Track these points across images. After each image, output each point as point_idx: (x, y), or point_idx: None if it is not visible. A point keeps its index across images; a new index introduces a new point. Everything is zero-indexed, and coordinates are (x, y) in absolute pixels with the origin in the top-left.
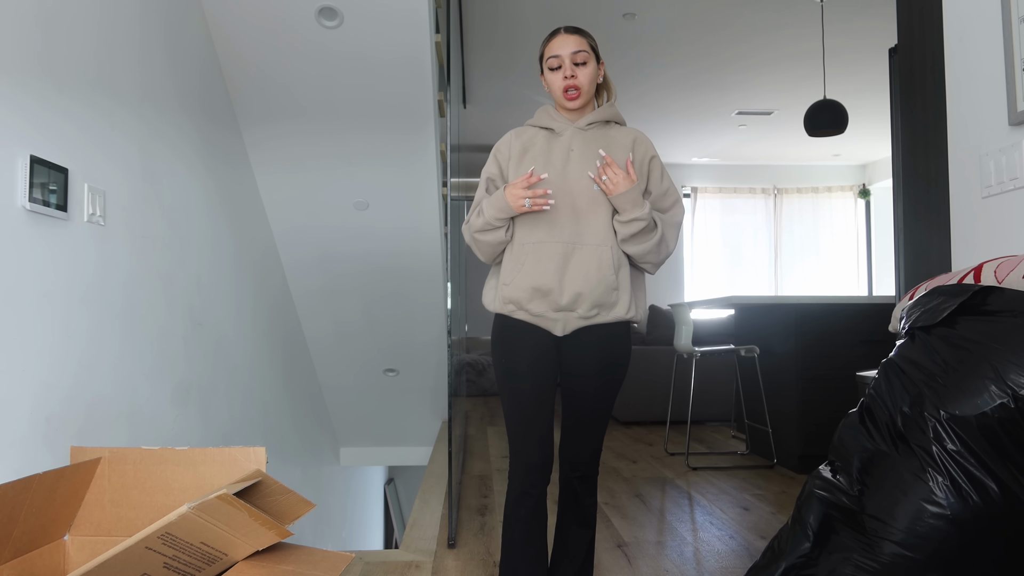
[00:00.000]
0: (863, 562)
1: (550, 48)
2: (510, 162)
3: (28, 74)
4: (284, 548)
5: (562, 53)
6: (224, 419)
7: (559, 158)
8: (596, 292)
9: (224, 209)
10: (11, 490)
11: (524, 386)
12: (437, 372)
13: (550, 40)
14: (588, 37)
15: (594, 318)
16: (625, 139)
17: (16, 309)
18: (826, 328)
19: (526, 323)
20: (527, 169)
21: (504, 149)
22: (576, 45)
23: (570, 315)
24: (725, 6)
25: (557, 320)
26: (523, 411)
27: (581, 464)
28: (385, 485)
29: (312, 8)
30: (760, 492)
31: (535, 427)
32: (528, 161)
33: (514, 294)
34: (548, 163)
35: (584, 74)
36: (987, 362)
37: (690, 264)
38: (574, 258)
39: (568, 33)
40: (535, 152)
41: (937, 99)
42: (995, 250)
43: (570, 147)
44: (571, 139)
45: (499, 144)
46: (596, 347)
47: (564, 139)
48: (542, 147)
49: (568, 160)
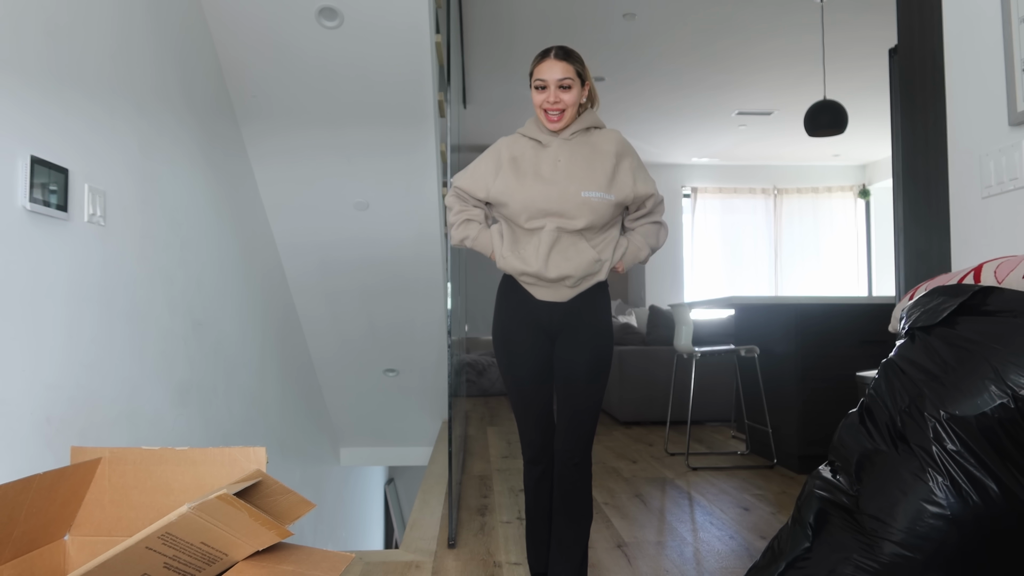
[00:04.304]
0: (863, 562)
1: (539, 71)
2: (500, 170)
3: (28, 74)
4: (284, 548)
5: (548, 79)
6: (224, 419)
7: (548, 168)
8: (580, 270)
9: (224, 209)
10: (11, 490)
11: (524, 387)
12: (437, 372)
13: (540, 62)
14: (576, 63)
15: (580, 286)
16: (607, 144)
17: (16, 309)
18: (826, 328)
19: (526, 293)
20: (518, 178)
21: (503, 153)
22: (563, 72)
23: (560, 285)
24: (725, 6)
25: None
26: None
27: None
28: (385, 485)
29: (312, 9)
30: (760, 492)
31: (532, 410)
32: (520, 171)
33: (512, 267)
34: (539, 174)
35: (567, 98)
36: (987, 362)
37: (690, 264)
38: (561, 251)
39: (557, 60)
40: (525, 163)
41: (937, 99)
42: (995, 250)
43: (557, 158)
44: (558, 150)
45: (496, 147)
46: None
47: (551, 150)
48: (531, 158)
49: (556, 169)
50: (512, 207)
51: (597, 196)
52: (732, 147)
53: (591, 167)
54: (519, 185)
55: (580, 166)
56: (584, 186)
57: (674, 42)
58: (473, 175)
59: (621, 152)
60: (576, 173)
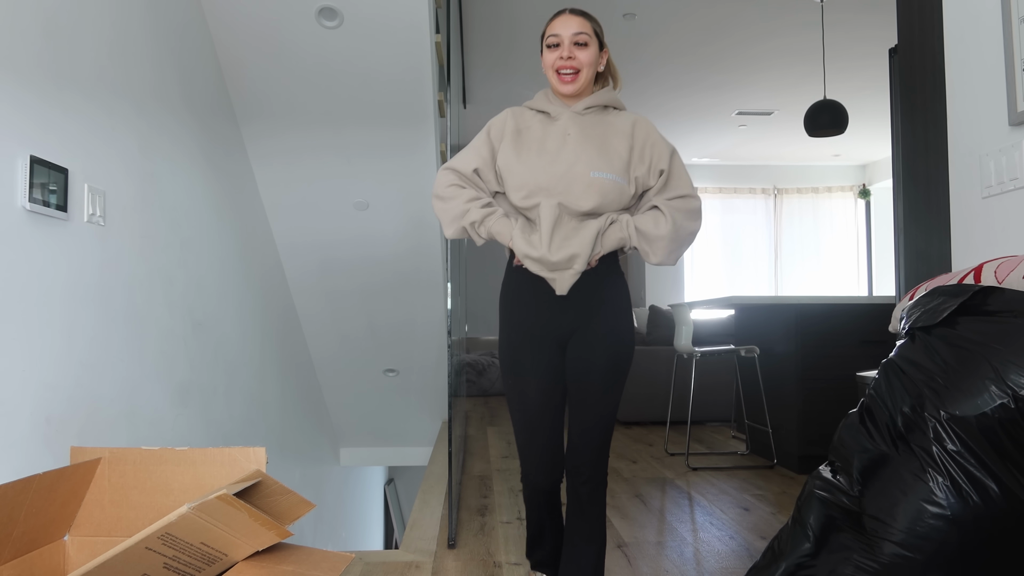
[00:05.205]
0: (863, 562)
1: (551, 27)
2: (503, 142)
3: (28, 74)
4: (284, 548)
5: (562, 33)
6: (224, 419)
7: (555, 143)
8: (587, 245)
9: (224, 209)
10: (11, 490)
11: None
12: (437, 372)
13: (553, 19)
14: (593, 21)
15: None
16: (624, 124)
17: (16, 310)
18: (826, 328)
19: (530, 292)
20: (518, 152)
21: (499, 126)
22: (578, 27)
23: (566, 272)
24: (725, 6)
25: (555, 279)
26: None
27: (584, 465)
28: (385, 485)
29: (312, 8)
30: (760, 492)
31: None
32: (522, 144)
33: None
34: (543, 148)
35: (583, 56)
36: (987, 362)
37: (690, 264)
38: (564, 232)
39: (572, 14)
40: (529, 137)
41: (937, 99)
42: (995, 250)
43: (566, 132)
44: (567, 124)
45: (494, 121)
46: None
47: (560, 124)
48: (537, 132)
49: (564, 145)
50: (509, 182)
51: (609, 178)
52: (732, 147)
53: (605, 146)
54: (518, 159)
55: (593, 144)
56: (594, 166)
57: (674, 42)
58: (467, 151)
59: (646, 134)
60: (587, 151)
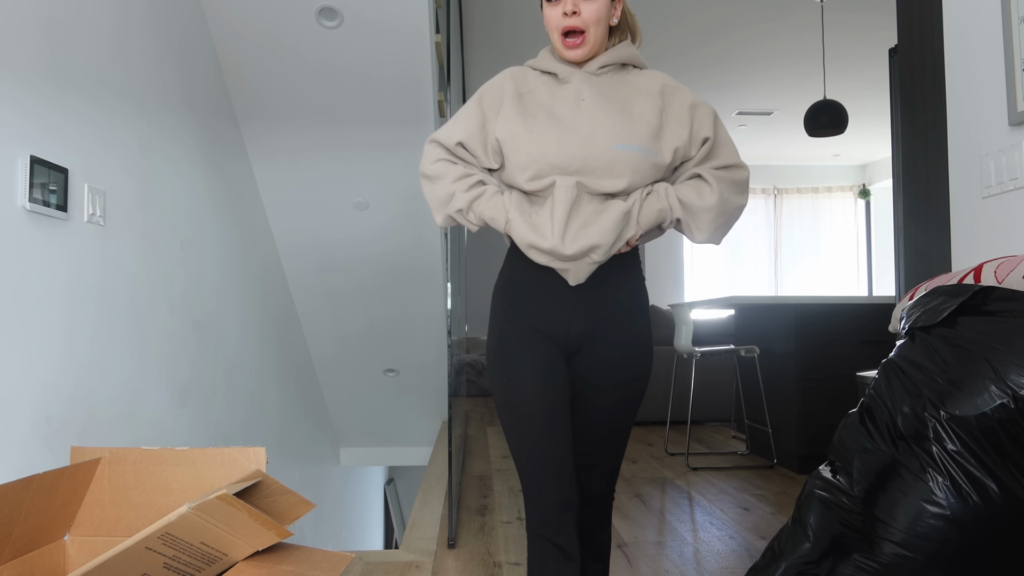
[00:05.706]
0: (863, 562)
1: None
2: (502, 109)
3: (28, 74)
4: (284, 548)
5: None
6: (224, 419)
7: (567, 110)
8: (608, 234)
9: (224, 209)
10: (11, 490)
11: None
12: (437, 372)
13: None
14: None
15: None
16: (649, 83)
17: (16, 310)
18: (826, 328)
19: (534, 291)
20: (524, 120)
21: (495, 91)
22: None
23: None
24: (725, 6)
25: (567, 270)
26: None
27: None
28: (385, 485)
29: (312, 8)
30: (760, 492)
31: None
32: (526, 110)
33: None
34: (551, 116)
35: (590, 10)
36: (987, 362)
37: (690, 264)
38: (582, 218)
39: None
40: (534, 103)
41: (937, 99)
42: (995, 250)
43: (579, 96)
44: (580, 86)
45: (488, 85)
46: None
47: (571, 87)
48: (543, 97)
49: (579, 112)
50: (513, 159)
51: (638, 150)
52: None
53: (629, 111)
54: (525, 129)
55: (614, 108)
56: (618, 137)
57: (674, 42)
58: (452, 120)
59: (681, 95)
60: (608, 117)
